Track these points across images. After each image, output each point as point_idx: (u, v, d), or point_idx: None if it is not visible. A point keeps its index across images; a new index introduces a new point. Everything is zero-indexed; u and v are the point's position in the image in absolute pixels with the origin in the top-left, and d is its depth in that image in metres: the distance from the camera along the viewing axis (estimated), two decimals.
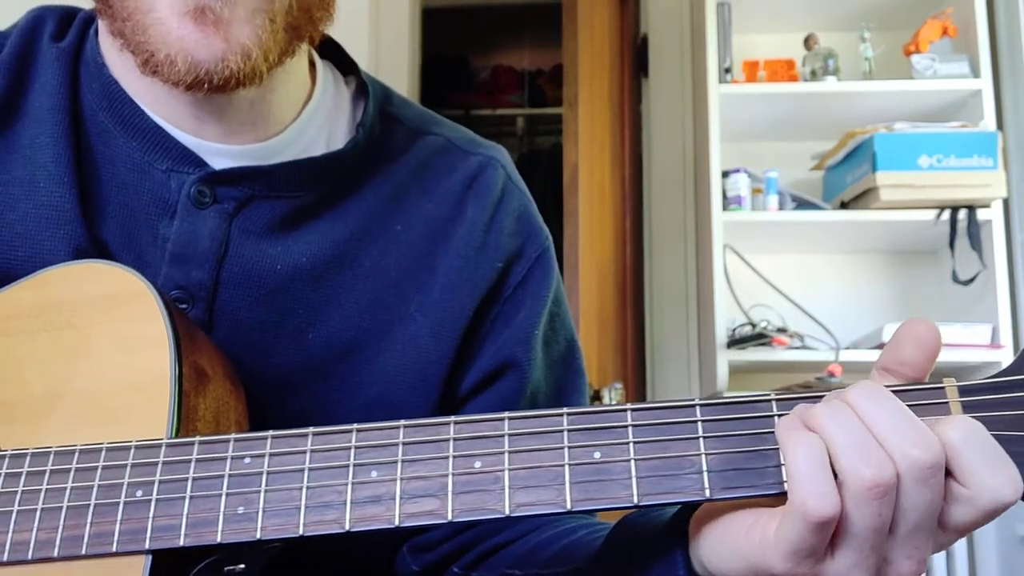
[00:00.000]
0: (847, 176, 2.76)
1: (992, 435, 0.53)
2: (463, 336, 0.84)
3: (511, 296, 0.87)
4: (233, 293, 0.78)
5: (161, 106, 0.79)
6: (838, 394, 0.55)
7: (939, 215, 2.63)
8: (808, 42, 2.88)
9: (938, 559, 2.60)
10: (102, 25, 0.79)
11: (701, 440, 0.56)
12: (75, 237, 0.76)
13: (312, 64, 0.87)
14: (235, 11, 0.70)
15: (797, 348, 2.67)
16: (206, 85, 0.71)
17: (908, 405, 0.54)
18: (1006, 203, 2.66)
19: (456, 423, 0.59)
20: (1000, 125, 2.69)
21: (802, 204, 2.81)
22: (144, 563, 0.58)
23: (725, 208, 2.74)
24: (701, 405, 0.57)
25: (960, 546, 2.61)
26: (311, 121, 0.84)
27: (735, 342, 2.68)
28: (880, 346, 2.59)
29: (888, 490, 0.51)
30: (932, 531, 0.53)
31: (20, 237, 0.76)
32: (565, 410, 0.58)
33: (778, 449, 0.55)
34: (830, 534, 0.52)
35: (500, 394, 0.86)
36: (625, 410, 0.57)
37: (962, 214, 2.61)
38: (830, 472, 0.52)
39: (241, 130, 0.80)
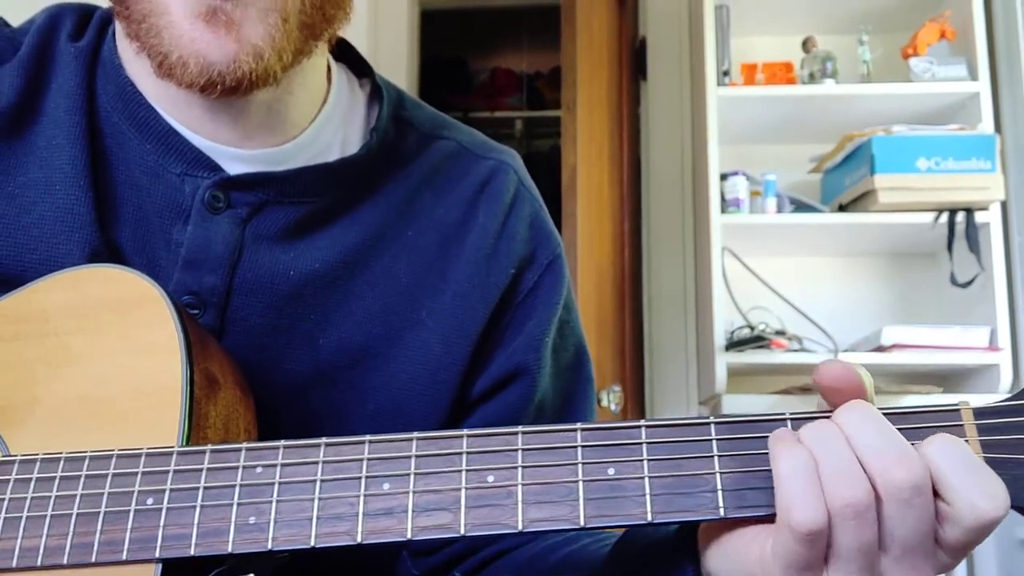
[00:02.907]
0: (845, 179, 2.76)
1: (1006, 458, 0.53)
2: (476, 343, 0.84)
3: (522, 302, 0.87)
4: (245, 299, 0.78)
5: (177, 109, 0.79)
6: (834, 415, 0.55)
7: (937, 218, 2.63)
8: (806, 45, 2.89)
9: None
10: (119, 28, 0.79)
11: (716, 458, 0.56)
12: (90, 241, 0.76)
13: (328, 66, 0.87)
14: (246, 11, 0.70)
15: (795, 350, 2.67)
16: (219, 87, 0.71)
17: (923, 428, 0.55)
18: (1004, 206, 2.66)
19: (469, 436, 0.59)
20: (998, 128, 2.70)
21: (800, 207, 2.81)
22: (155, 572, 0.59)
23: (723, 211, 2.74)
24: (716, 423, 0.57)
25: None
26: (326, 125, 0.84)
27: (733, 344, 2.69)
28: (878, 348, 2.59)
29: (862, 510, 0.51)
30: (929, 553, 0.53)
31: (35, 240, 0.76)
32: (579, 425, 0.58)
33: None
34: (821, 548, 0.52)
35: (509, 401, 0.86)
36: (639, 427, 0.57)
37: (960, 217, 2.61)
38: (816, 484, 0.52)
39: (257, 133, 0.80)
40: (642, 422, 0.58)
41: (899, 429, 0.54)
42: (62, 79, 0.81)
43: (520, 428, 0.58)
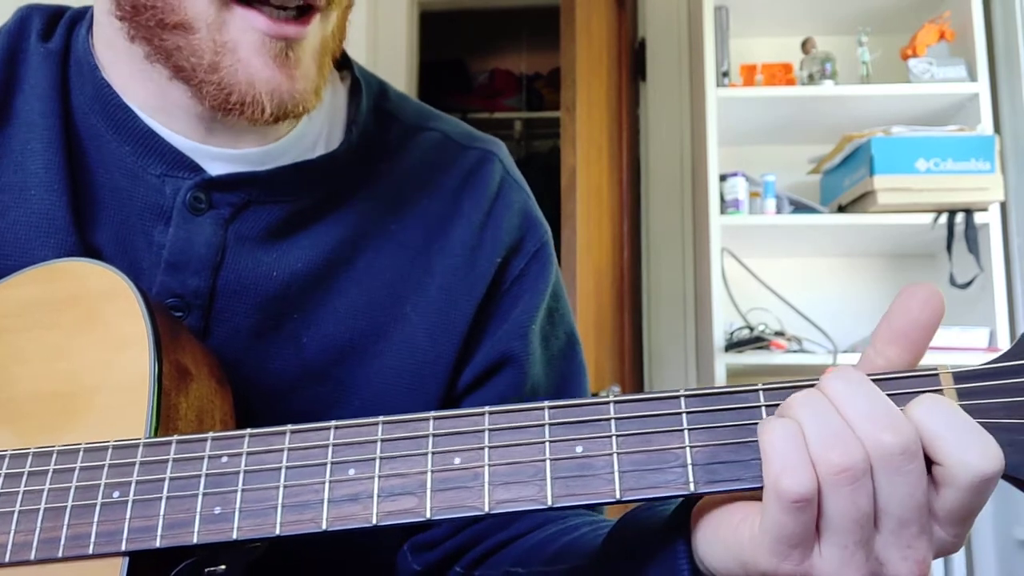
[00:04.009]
0: (844, 180, 2.75)
1: (988, 422, 0.51)
2: (463, 336, 0.83)
3: (508, 290, 0.86)
4: (229, 301, 0.77)
5: (164, 113, 0.78)
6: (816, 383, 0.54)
7: (936, 219, 2.62)
8: (805, 46, 2.88)
9: (936, 564, 2.59)
10: (104, 40, 0.79)
11: (686, 432, 0.55)
12: (66, 245, 0.75)
13: None
14: (304, 51, 0.73)
15: (795, 351, 2.67)
16: (278, 119, 0.73)
17: (903, 393, 0.53)
18: (1003, 206, 2.66)
19: (435, 419, 0.57)
20: (997, 129, 2.69)
21: (800, 208, 2.80)
22: (121, 565, 0.58)
23: (723, 212, 2.74)
24: (686, 396, 0.55)
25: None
26: (310, 123, 0.83)
27: (733, 345, 2.68)
28: None
29: (858, 475, 0.49)
30: (924, 528, 0.51)
31: (10, 245, 0.76)
32: (546, 403, 0.57)
33: None
34: (811, 520, 0.50)
35: (498, 390, 0.85)
36: (608, 402, 0.56)
37: (959, 217, 2.61)
38: (803, 449, 0.50)
39: (246, 135, 0.80)
40: (611, 397, 0.56)
41: None
42: (34, 80, 0.80)
43: (487, 408, 0.57)
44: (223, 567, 0.59)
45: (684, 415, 0.55)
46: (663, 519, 0.62)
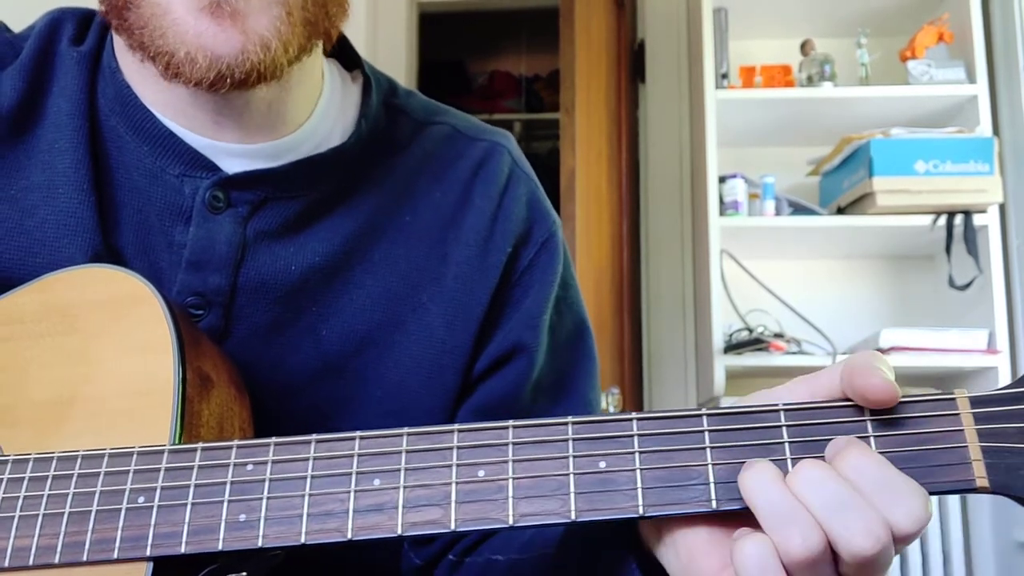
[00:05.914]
0: (844, 181, 2.76)
1: (1004, 447, 0.52)
2: (479, 324, 0.85)
3: (519, 280, 0.88)
4: (250, 298, 0.78)
5: (176, 111, 0.79)
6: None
7: (935, 220, 2.63)
8: (804, 48, 2.89)
9: (935, 565, 2.60)
10: (119, 41, 0.79)
11: (708, 450, 0.56)
12: (93, 245, 0.76)
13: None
14: (250, 3, 0.70)
15: (794, 353, 2.67)
16: (228, 80, 0.70)
17: (919, 417, 0.54)
18: (1002, 208, 2.67)
19: (460, 431, 0.58)
20: (996, 130, 2.70)
21: (799, 209, 2.81)
22: (146, 570, 0.58)
23: (722, 213, 2.75)
24: (708, 415, 0.57)
25: (957, 552, 2.60)
26: (323, 119, 0.84)
27: (732, 347, 2.69)
28: (877, 351, 2.59)
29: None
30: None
31: (39, 243, 0.76)
32: (570, 419, 0.58)
33: (786, 460, 0.55)
34: None
35: (508, 378, 0.86)
36: (631, 419, 0.57)
37: (958, 219, 2.62)
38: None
39: (258, 132, 0.80)
40: (633, 414, 0.57)
41: (896, 419, 0.54)
42: (64, 83, 0.81)
43: (511, 422, 0.58)
44: (244, 574, 0.60)
45: (706, 433, 0.56)
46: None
